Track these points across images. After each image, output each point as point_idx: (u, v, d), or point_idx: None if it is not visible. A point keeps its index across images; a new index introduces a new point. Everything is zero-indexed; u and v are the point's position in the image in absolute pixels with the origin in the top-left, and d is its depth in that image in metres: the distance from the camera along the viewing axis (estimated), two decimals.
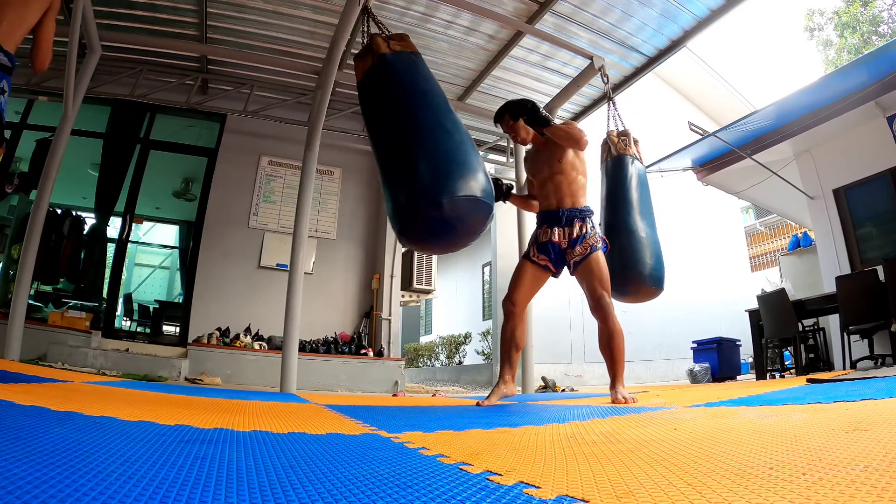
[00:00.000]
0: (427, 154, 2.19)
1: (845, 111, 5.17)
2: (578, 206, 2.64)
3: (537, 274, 2.67)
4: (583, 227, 2.59)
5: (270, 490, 0.64)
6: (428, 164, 2.16)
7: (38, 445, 0.79)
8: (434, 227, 2.20)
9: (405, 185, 2.18)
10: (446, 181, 2.12)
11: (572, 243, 2.58)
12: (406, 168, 2.19)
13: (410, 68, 2.52)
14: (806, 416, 1.28)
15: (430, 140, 2.24)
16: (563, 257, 2.62)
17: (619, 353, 2.51)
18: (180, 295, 6.99)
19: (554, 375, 6.69)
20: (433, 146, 2.22)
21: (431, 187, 2.12)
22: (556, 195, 2.67)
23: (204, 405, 1.91)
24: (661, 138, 8.30)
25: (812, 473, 0.64)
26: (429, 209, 2.12)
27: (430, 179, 2.13)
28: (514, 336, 2.60)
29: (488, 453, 0.96)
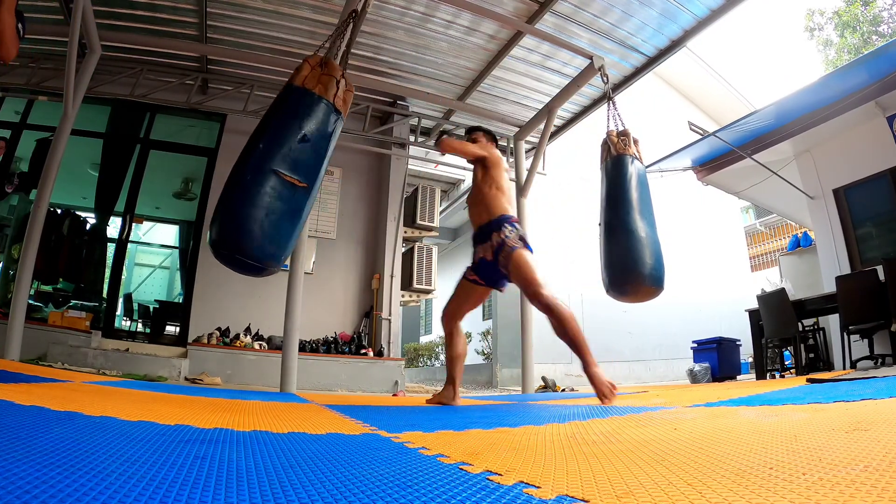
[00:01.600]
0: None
1: (845, 111, 5.17)
2: (494, 217, 2.73)
3: (469, 290, 2.84)
4: (499, 235, 2.65)
5: (270, 490, 0.64)
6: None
7: (38, 445, 0.79)
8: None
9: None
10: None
11: (495, 253, 2.64)
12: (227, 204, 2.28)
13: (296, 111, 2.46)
14: (806, 416, 1.28)
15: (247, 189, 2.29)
16: (497, 270, 2.67)
17: (576, 336, 2.48)
18: (180, 295, 6.98)
19: (554, 375, 6.70)
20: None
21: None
22: (476, 215, 2.83)
23: (204, 405, 1.91)
24: (661, 138, 8.31)
25: (812, 473, 0.64)
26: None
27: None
28: (449, 346, 2.85)
29: (488, 453, 0.96)
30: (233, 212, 2.23)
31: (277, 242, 2.28)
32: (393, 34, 5.21)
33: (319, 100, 2.45)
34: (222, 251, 2.23)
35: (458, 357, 2.82)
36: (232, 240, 2.22)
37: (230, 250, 2.22)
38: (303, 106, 2.44)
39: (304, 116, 2.41)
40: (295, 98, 2.45)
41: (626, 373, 8.68)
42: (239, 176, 2.29)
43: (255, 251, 2.22)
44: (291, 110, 2.43)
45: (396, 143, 6.74)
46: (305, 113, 2.42)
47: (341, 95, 2.52)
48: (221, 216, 2.25)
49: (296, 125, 2.39)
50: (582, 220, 8.52)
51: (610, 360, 8.57)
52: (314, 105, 2.44)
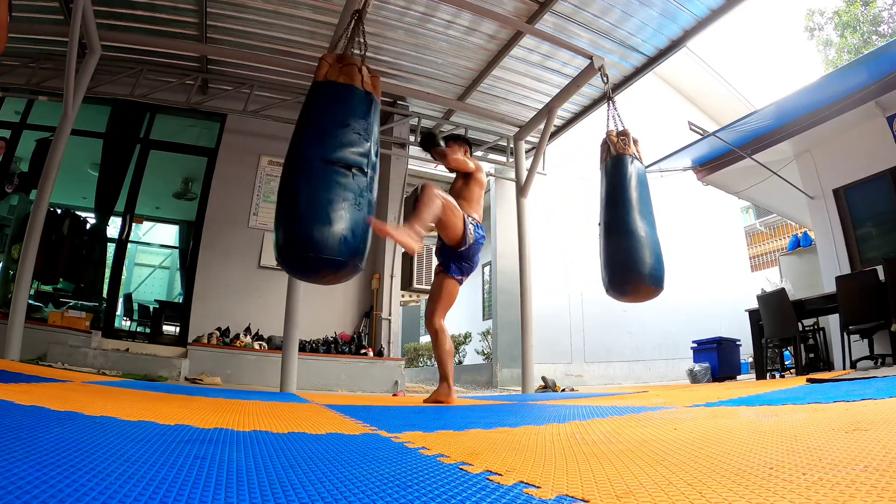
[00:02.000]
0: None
1: (845, 111, 5.17)
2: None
3: (440, 280, 3.09)
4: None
5: (270, 490, 0.64)
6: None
7: (38, 445, 0.79)
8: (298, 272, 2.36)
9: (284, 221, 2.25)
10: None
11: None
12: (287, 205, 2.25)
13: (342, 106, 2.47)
14: (806, 416, 1.28)
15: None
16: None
17: (444, 353, 2.97)
18: (180, 295, 6.99)
19: (554, 375, 6.69)
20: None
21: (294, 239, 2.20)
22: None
23: (204, 405, 1.91)
24: (661, 138, 8.30)
25: (812, 473, 0.64)
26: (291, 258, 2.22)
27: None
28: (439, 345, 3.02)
29: (488, 453, 0.96)
30: (300, 211, 2.17)
31: (354, 233, 2.20)
32: (393, 34, 5.21)
33: (349, 87, 2.46)
34: (298, 253, 2.15)
35: (449, 353, 2.95)
36: (306, 238, 2.13)
37: (306, 251, 2.13)
38: (335, 96, 2.44)
39: (339, 105, 2.42)
40: (325, 91, 2.46)
41: (626, 373, 8.68)
42: (295, 177, 2.26)
43: (335, 245, 2.14)
44: (325, 103, 2.44)
45: (396, 143, 6.74)
46: (339, 102, 2.43)
47: (368, 81, 2.52)
48: (287, 219, 2.19)
49: (334, 115, 2.39)
50: (582, 220, 8.51)
51: (610, 360, 8.57)
52: (345, 93, 2.45)
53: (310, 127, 2.37)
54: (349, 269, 2.25)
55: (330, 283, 2.37)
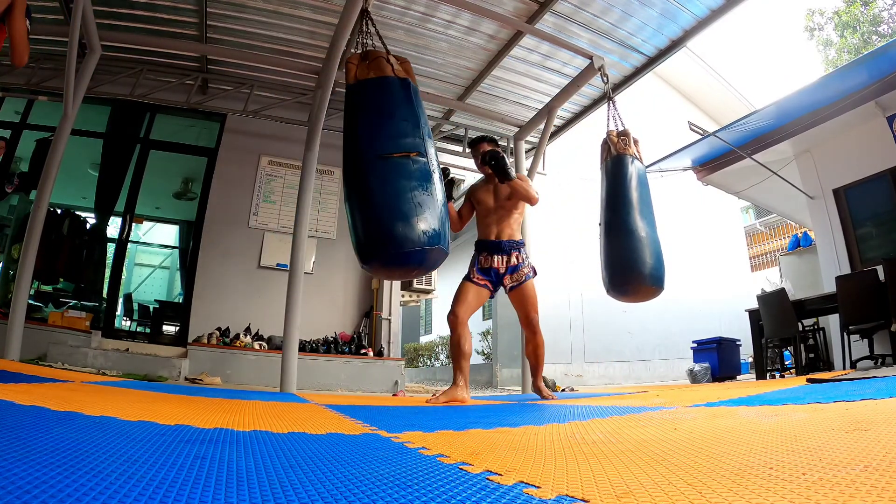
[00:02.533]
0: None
1: (845, 111, 5.17)
2: (516, 238, 3.09)
3: (479, 293, 3.03)
4: (518, 257, 3.03)
5: (270, 490, 0.64)
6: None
7: (37, 445, 0.79)
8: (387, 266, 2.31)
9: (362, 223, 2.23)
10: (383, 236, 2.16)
11: (510, 270, 3.01)
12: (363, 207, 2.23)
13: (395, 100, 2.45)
14: (806, 416, 1.28)
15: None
16: (501, 281, 3.04)
17: (541, 360, 3.13)
18: (180, 295, 6.99)
19: (554, 375, 6.69)
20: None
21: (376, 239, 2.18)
22: (498, 227, 3.08)
23: (204, 405, 1.91)
24: (661, 138, 8.31)
25: (812, 473, 0.64)
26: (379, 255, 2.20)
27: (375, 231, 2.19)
28: (461, 345, 2.92)
29: (488, 453, 0.96)
30: (372, 210, 2.17)
31: (429, 220, 2.17)
32: (393, 34, 5.21)
33: (383, 79, 2.45)
34: (380, 252, 2.14)
35: (469, 355, 2.97)
36: (386, 235, 2.13)
37: (388, 247, 2.12)
38: (372, 91, 2.43)
39: (379, 98, 2.41)
40: (360, 90, 2.45)
41: (626, 373, 8.68)
42: (357, 178, 2.26)
43: (416, 236, 2.12)
44: (366, 100, 2.43)
45: None
46: (378, 95, 2.42)
47: (399, 69, 2.51)
48: (362, 221, 2.18)
49: (378, 108, 2.39)
50: (582, 220, 8.51)
51: (610, 361, 8.57)
52: (381, 85, 2.44)
53: (359, 127, 2.37)
54: (435, 256, 2.24)
55: (420, 274, 2.41)
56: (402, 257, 2.16)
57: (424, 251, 2.16)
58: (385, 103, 2.41)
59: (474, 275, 3.03)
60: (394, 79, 2.46)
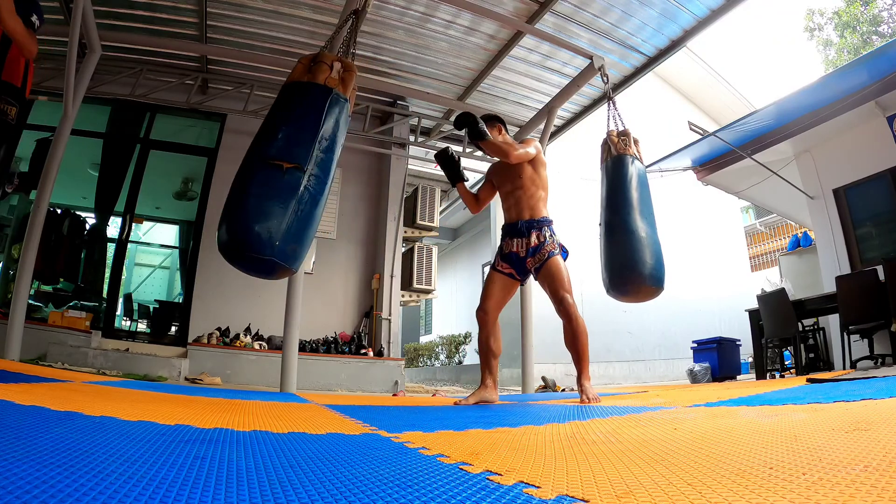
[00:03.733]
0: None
1: (845, 111, 5.17)
2: (536, 217, 2.80)
3: (506, 283, 2.82)
4: (539, 236, 2.75)
5: (270, 490, 0.64)
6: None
7: (37, 445, 0.79)
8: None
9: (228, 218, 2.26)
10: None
11: (530, 252, 2.73)
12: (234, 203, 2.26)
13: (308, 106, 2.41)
14: (806, 416, 1.28)
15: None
16: (524, 266, 2.77)
17: (583, 350, 2.64)
18: (180, 295, 6.98)
19: (554, 375, 6.69)
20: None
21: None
22: (517, 209, 2.83)
23: (204, 405, 1.91)
24: (661, 138, 8.31)
25: (812, 473, 0.64)
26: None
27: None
28: (490, 343, 2.74)
29: (488, 453, 0.96)
30: (228, 209, 2.23)
31: (273, 229, 2.17)
32: (393, 34, 5.21)
33: (303, 84, 2.42)
34: (227, 252, 2.20)
35: (499, 353, 2.79)
36: (232, 236, 2.18)
37: (229, 246, 2.18)
38: (288, 96, 2.43)
39: (288, 103, 2.40)
40: (282, 94, 2.47)
41: (626, 373, 8.67)
42: (239, 174, 2.32)
43: (251, 240, 2.14)
44: (277, 104, 2.45)
45: (396, 143, 6.74)
46: (290, 100, 2.41)
47: (336, 76, 2.46)
48: (223, 214, 2.25)
49: (280, 114, 2.38)
50: (582, 220, 8.51)
51: (610, 360, 8.57)
52: (298, 90, 2.42)
53: (261, 127, 2.41)
54: (269, 268, 2.25)
55: (263, 278, 2.45)
56: (237, 258, 2.21)
57: (259, 259, 2.17)
58: (291, 108, 2.39)
59: (498, 263, 2.83)
60: (315, 86, 2.41)
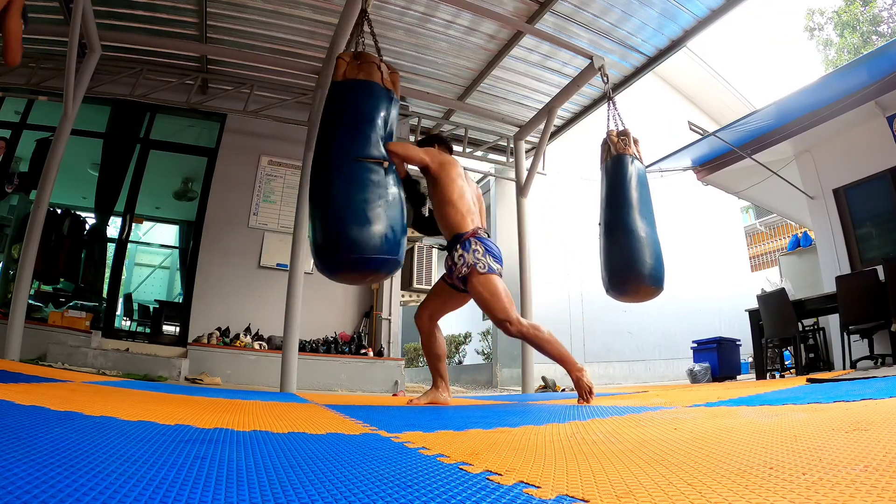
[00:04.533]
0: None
1: (845, 111, 5.17)
2: (452, 234, 2.59)
3: (449, 293, 2.72)
4: (452, 258, 2.55)
5: (270, 490, 0.64)
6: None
7: (37, 445, 0.79)
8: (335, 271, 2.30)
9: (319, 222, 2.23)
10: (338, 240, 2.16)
11: (449, 270, 2.59)
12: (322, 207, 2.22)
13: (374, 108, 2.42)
14: (806, 416, 1.28)
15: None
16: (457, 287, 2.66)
17: (556, 353, 2.50)
18: (180, 295, 6.99)
19: (554, 375, 6.69)
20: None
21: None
22: (442, 227, 2.70)
23: (204, 405, 1.91)
24: (661, 138, 8.31)
25: (812, 473, 0.64)
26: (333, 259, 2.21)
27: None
28: (431, 348, 2.75)
29: (488, 453, 0.96)
30: (333, 213, 2.16)
31: (390, 229, 2.18)
32: (393, 34, 5.21)
33: (371, 83, 2.44)
34: (334, 256, 2.15)
35: (443, 355, 2.80)
36: (343, 241, 2.13)
37: (343, 252, 2.13)
38: (358, 92, 2.42)
39: (364, 100, 2.40)
40: (345, 89, 2.45)
41: (626, 373, 8.67)
42: (324, 180, 2.24)
43: (375, 243, 2.12)
44: (350, 99, 2.43)
45: None
46: (363, 97, 2.41)
47: (387, 78, 2.50)
48: (321, 222, 2.18)
49: (360, 110, 2.38)
50: (582, 220, 8.52)
51: (610, 360, 8.57)
52: (368, 88, 2.43)
53: (335, 125, 2.37)
54: (390, 266, 2.25)
55: (371, 282, 2.43)
56: (356, 263, 2.16)
57: (380, 259, 2.16)
58: (368, 107, 2.39)
59: (446, 274, 2.71)
60: (380, 86, 2.44)
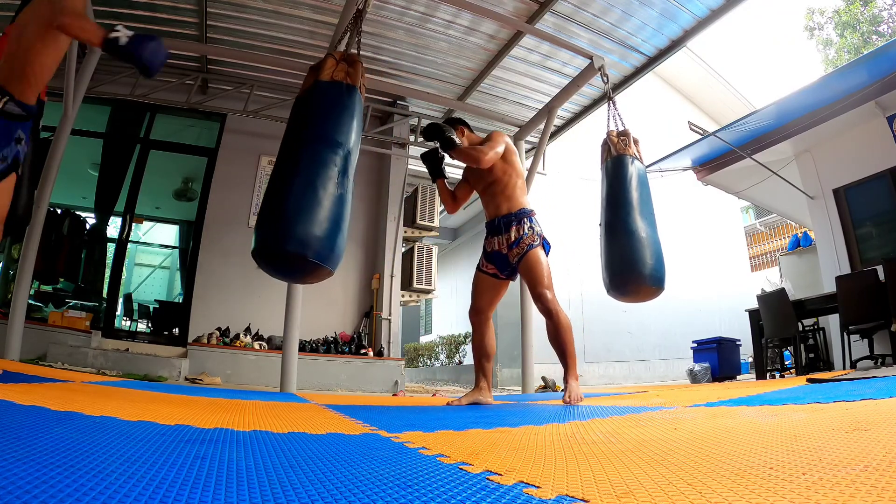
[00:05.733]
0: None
1: (845, 111, 5.17)
2: (514, 210, 2.71)
3: (492, 283, 2.77)
4: (519, 230, 2.66)
5: (270, 490, 0.64)
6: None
7: (37, 445, 0.79)
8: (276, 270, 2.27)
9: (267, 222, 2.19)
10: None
11: (510, 247, 2.66)
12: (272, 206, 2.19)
13: (331, 102, 2.40)
14: (806, 416, 1.28)
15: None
16: (507, 262, 2.71)
17: (568, 347, 2.57)
18: (180, 295, 6.99)
19: (554, 375, 6.68)
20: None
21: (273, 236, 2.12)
22: (494, 204, 2.76)
23: (204, 405, 1.91)
24: (661, 138, 8.31)
25: (812, 473, 0.64)
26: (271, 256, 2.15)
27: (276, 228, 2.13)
28: (483, 345, 2.73)
29: (488, 453, 0.96)
30: (287, 208, 2.13)
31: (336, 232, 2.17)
32: (393, 34, 5.21)
33: (337, 84, 2.44)
34: (278, 251, 2.12)
35: (493, 354, 2.77)
36: (266, 238, 2.11)
37: (290, 248, 2.09)
38: (353, 99, 2.44)
39: (351, 109, 2.43)
40: (318, 90, 2.47)
41: (626, 373, 8.67)
42: (282, 174, 2.24)
43: (317, 244, 2.10)
44: (315, 101, 2.47)
45: (396, 143, 6.74)
46: (354, 106, 2.43)
47: (358, 75, 2.50)
48: (272, 216, 2.16)
49: (348, 116, 2.41)
50: (582, 220, 8.51)
51: (610, 360, 8.57)
52: (330, 90, 2.44)
53: (310, 126, 2.39)
54: (324, 274, 2.26)
55: (301, 283, 2.42)
56: (298, 261, 2.14)
57: (313, 263, 2.16)
58: (355, 120, 2.41)
59: (483, 263, 2.79)
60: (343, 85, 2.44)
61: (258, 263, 2.20)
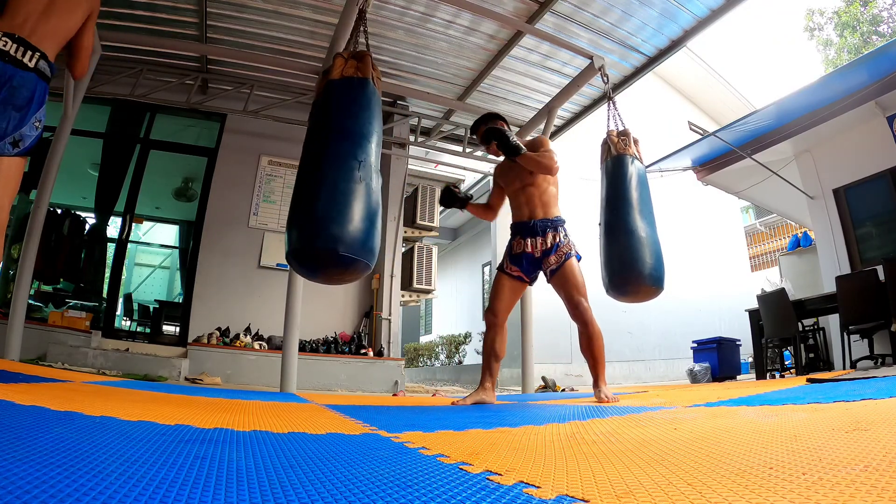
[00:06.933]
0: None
1: (845, 111, 5.17)
2: (550, 216, 2.76)
3: (514, 285, 2.78)
4: (556, 237, 2.71)
5: (270, 490, 0.64)
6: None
7: (37, 445, 0.79)
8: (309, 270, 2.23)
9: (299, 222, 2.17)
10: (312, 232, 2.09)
11: (546, 252, 2.69)
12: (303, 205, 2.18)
13: (347, 99, 2.37)
14: (806, 416, 1.28)
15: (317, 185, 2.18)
16: (537, 265, 2.73)
17: (599, 355, 2.65)
18: (180, 295, 6.99)
19: (554, 375, 6.69)
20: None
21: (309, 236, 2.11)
22: (529, 206, 2.78)
23: (204, 405, 1.91)
24: (661, 138, 8.31)
25: (812, 473, 0.64)
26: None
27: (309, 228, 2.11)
28: (495, 346, 2.72)
29: (488, 453, 0.96)
30: (319, 208, 2.11)
31: (370, 230, 2.15)
32: (393, 34, 5.21)
33: (363, 80, 2.41)
34: (316, 251, 2.09)
35: (503, 356, 2.77)
36: (327, 235, 2.07)
37: (326, 246, 2.05)
38: (349, 92, 2.40)
39: (352, 100, 2.40)
40: (341, 87, 2.42)
41: (626, 373, 8.67)
42: (312, 174, 2.22)
43: (353, 242, 2.07)
44: (339, 98, 2.43)
45: (396, 143, 6.74)
46: (353, 96, 2.40)
47: (378, 79, 2.50)
48: (306, 216, 2.13)
49: (346, 110, 2.38)
50: (582, 220, 8.51)
51: (610, 360, 8.49)
52: (359, 87, 2.40)
53: (327, 124, 2.35)
54: (361, 268, 2.20)
55: (340, 282, 2.39)
56: (335, 259, 2.10)
57: (353, 259, 2.12)
58: (372, 110, 2.39)
59: (507, 265, 2.77)
60: (371, 83, 2.41)
61: (293, 266, 2.19)
